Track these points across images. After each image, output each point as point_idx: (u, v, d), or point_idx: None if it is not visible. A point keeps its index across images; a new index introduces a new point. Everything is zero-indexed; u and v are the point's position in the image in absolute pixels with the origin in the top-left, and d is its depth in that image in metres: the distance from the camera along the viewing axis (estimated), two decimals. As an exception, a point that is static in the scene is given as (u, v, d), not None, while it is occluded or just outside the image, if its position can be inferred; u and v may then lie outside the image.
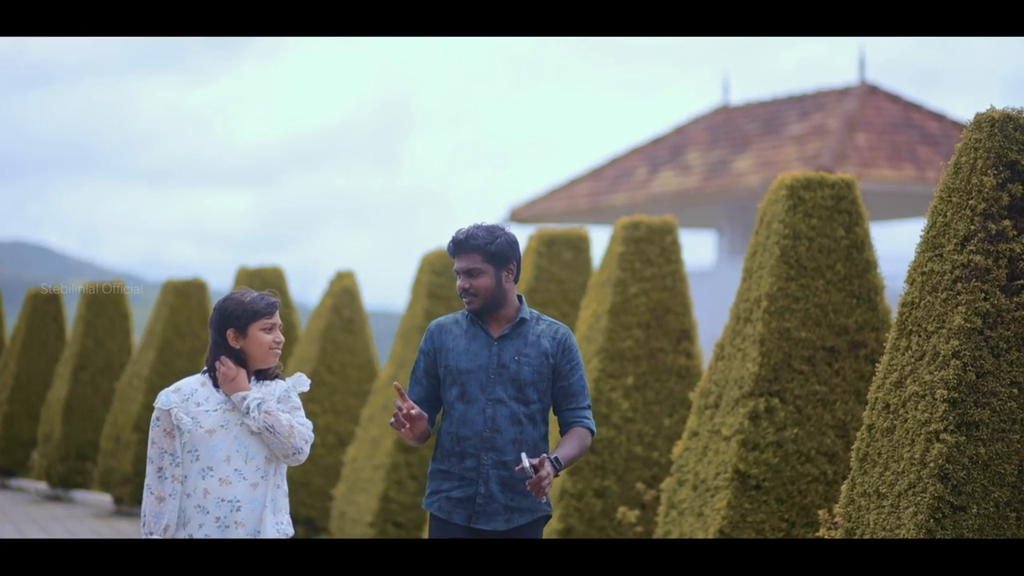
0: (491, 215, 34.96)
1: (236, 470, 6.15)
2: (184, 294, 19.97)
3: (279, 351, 6.28)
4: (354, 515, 14.63)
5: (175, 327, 19.73)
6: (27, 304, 24.05)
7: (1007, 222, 6.93)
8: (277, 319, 6.28)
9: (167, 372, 19.16)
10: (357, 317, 17.00)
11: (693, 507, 8.95)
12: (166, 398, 6.23)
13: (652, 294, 11.06)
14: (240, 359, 6.23)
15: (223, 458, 6.14)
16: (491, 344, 6.68)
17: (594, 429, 6.81)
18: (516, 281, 6.77)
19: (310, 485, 16.38)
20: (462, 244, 6.70)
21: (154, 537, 6.11)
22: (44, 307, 23.99)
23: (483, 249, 6.66)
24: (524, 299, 6.85)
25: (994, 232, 6.93)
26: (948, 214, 7.11)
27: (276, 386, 6.33)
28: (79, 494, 22.12)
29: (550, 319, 6.80)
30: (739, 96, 66.49)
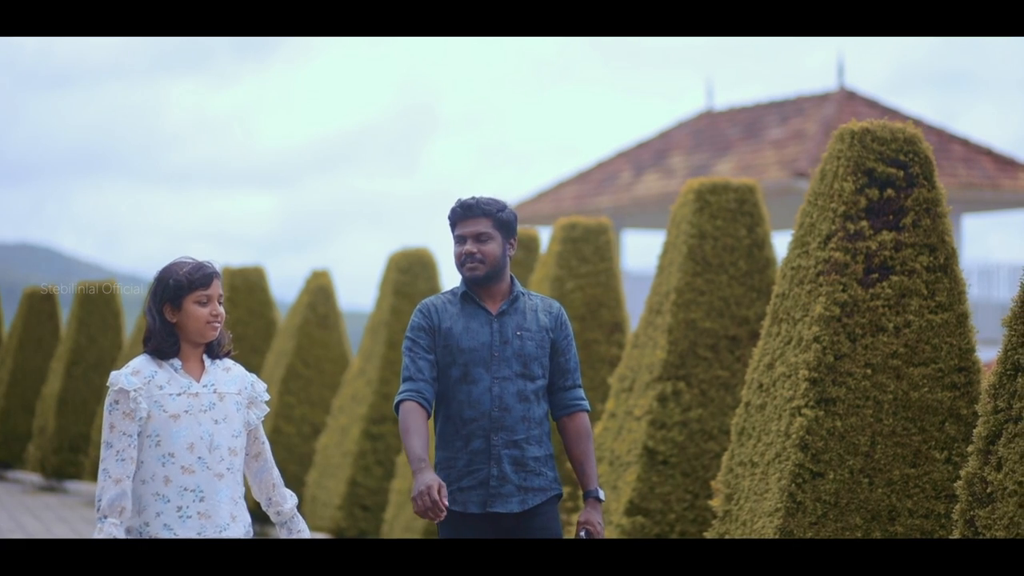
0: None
1: (200, 458, 5.84)
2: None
3: (218, 324, 5.90)
4: (324, 499, 15.58)
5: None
6: (23, 303, 25.04)
7: (864, 223, 7.84)
8: (215, 290, 5.88)
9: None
10: (332, 314, 17.96)
11: (609, 481, 9.87)
12: (127, 380, 5.85)
13: (587, 289, 12.00)
14: (175, 335, 5.89)
15: (186, 445, 5.83)
16: (491, 321, 6.43)
17: (589, 409, 6.61)
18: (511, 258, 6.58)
19: (285, 472, 17.30)
20: (472, 208, 6.43)
21: (109, 520, 5.78)
22: (40, 306, 24.98)
23: (494, 215, 6.42)
24: (515, 276, 6.71)
25: (852, 231, 7.84)
26: (814, 216, 8.03)
27: (237, 372, 6.03)
28: (72, 484, 23.10)
29: (540, 294, 6.64)
30: (732, 99, 67.28)
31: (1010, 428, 5.99)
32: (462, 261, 6.43)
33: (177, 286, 5.84)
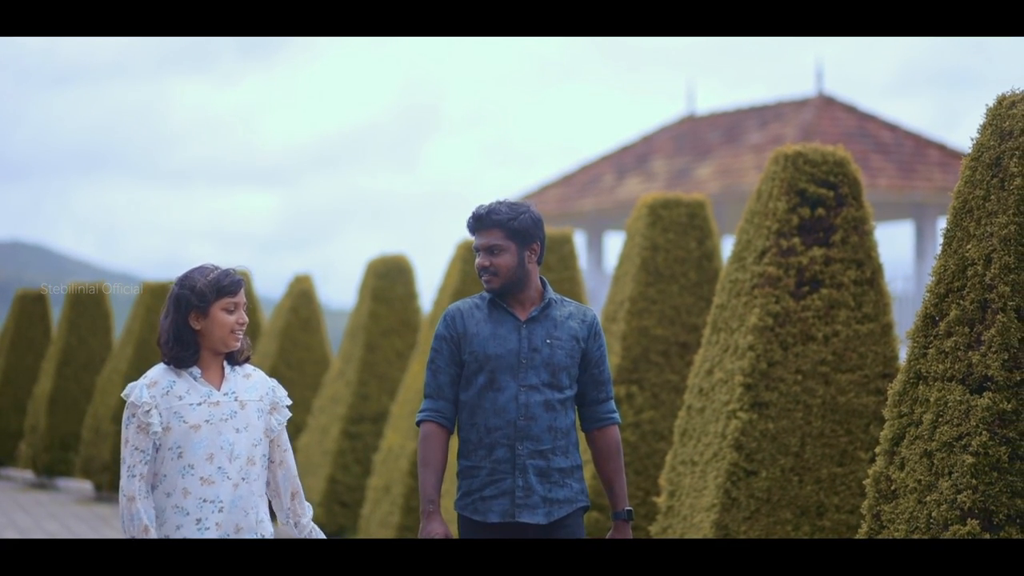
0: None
1: (219, 468, 5.66)
2: (160, 295, 21.48)
3: (242, 333, 5.77)
4: (305, 496, 16.22)
5: (152, 326, 21.26)
6: (15, 304, 25.68)
7: (796, 239, 8.46)
8: (242, 298, 5.76)
9: (144, 367, 20.65)
10: (313, 317, 18.59)
11: (566, 479, 10.49)
12: (140, 393, 5.66)
13: (552, 297, 12.61)
14: (196, 341, 5.73)
15: (205, 456, 5.65)
16: (519, 327, 6.25)
17: (620, 421, 6.46)
18: (540, 263, 6.37)
19: (268, 470, 17.96)
20: (483, 219, 6.29)
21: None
22: (31, 307, 25.62)
23: (505, 225, 6.25)
24: (547, 281, 6.51)
25: (785, 247, 8.45)
26: (750, 232, 8.64)
27: (258, 378, 5.88)
28: (63, 481, 23.68)
29: (575, 302, 6.44)
30: (727, 102, 67.72)
31: (912, 431, 6.56)
32: (479, 273, 6.33)
33: (207, 291, 5.69)
